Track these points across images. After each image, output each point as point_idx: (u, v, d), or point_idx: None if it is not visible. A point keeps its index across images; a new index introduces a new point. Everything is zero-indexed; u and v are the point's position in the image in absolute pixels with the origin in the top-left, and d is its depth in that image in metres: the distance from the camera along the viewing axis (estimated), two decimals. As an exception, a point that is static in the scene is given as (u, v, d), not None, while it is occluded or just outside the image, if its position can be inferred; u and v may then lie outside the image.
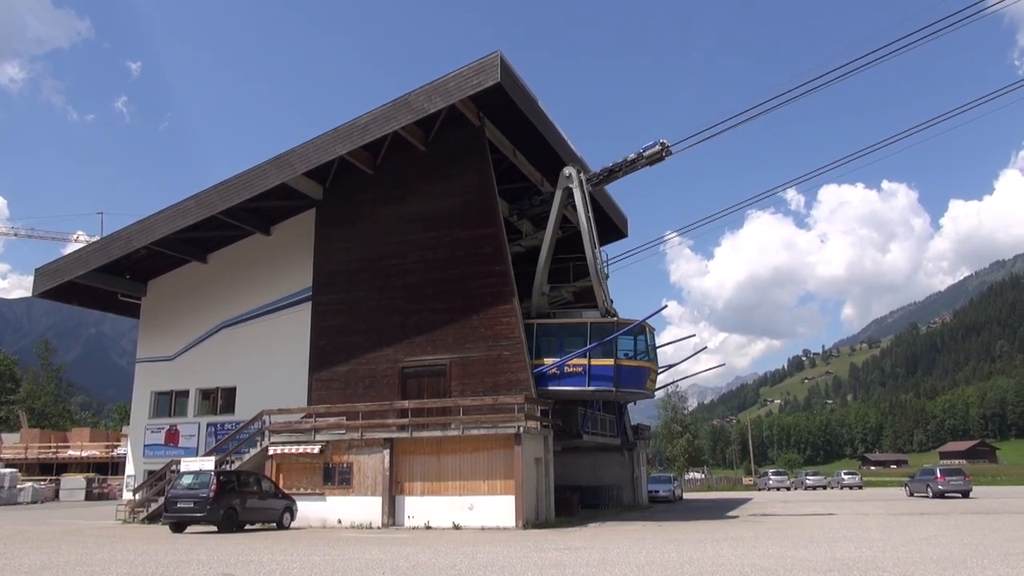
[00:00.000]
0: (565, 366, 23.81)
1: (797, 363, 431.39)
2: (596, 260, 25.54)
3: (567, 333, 24.61)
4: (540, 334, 24.66)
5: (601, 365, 23.53)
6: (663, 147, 25.24)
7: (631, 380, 24.09)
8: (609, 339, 23.72)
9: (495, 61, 23.94)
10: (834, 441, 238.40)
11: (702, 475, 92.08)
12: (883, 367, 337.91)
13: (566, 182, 26.19)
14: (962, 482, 37.92)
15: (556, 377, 23.89)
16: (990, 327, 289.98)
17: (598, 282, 25.33)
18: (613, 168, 26.42)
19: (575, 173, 26.08)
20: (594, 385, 23.66)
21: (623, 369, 23.58)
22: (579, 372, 23.67)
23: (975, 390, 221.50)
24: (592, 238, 25.47)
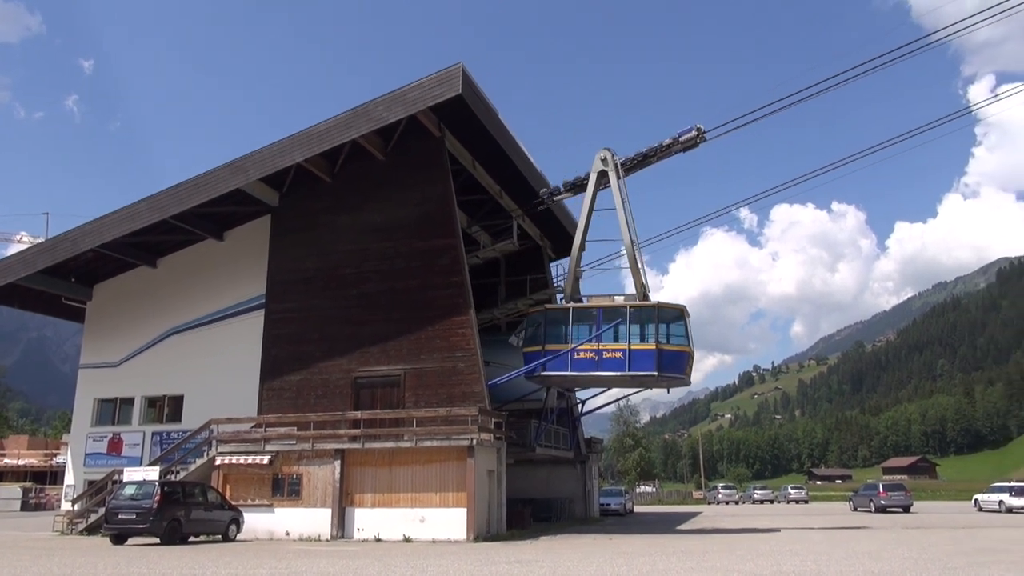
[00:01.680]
0: (604, 351, 23.14)
1: (748, 379, 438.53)
2: (634, 244, 24.57)
3: (607, 318, 23.68)
4: (575, 319, 23.95)
5: (643, 350, 22.81)
6: (699, 132, 24.71)
7: (673, 365, 23.26)
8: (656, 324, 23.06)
9: (457, 73, 23.99)
10: (782, 456, 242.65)
11: (653, 489, 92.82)
12: (830, 384, 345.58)
13: (601, 165, 25.40)
14: (903, 497, 38.98)
15: (594, 363, 23.20)
16: (932, 346, 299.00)
17: (636, 266, 24.39)
18: (648, 153, 25.73)
19: (610, 156, 25.33)
20: (635, 370, 22.90)
21: (665, 354, 22.84)
22: (619, 357, 22.96)
23: (917, 407, 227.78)
24: (629, 221, 24.60)
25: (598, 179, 25.43)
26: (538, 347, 24.31)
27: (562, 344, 23.77)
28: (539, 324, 24.76)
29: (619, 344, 23.10)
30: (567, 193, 27.37)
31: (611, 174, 25.26)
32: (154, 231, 27.88)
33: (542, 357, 24.03)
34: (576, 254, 25.41)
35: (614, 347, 23.13)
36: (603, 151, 25.53)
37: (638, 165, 25.98)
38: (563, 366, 23.67)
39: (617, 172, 25.18)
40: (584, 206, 25.57)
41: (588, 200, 25.48)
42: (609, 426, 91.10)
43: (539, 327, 24.70)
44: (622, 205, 24.90)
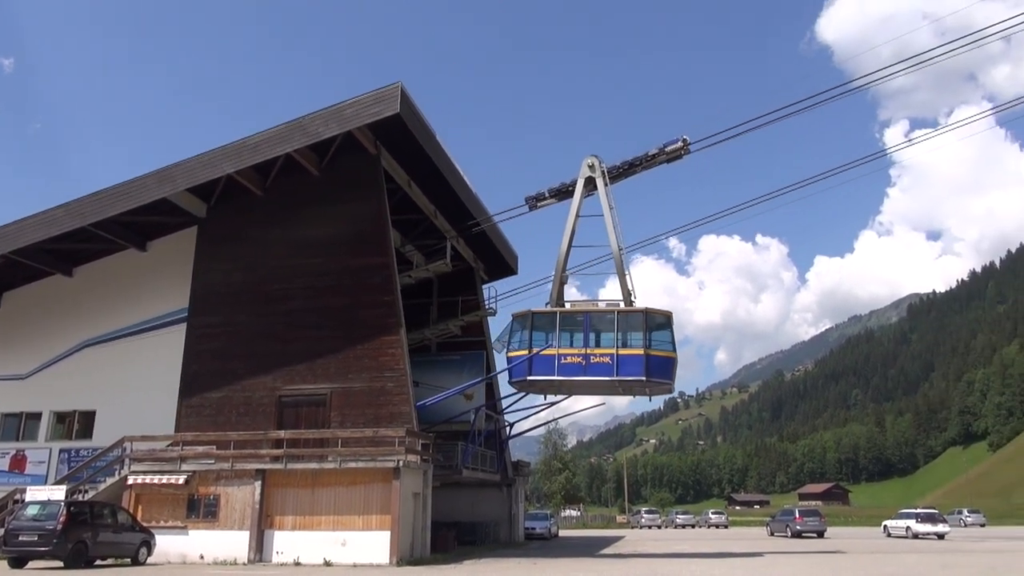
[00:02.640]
0: (592, 356, 23.04)
1: (672, 404, 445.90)
2: (621, 251, 24.68)
3: (594, 322, 23.72)
4: (562, 323, 23.80)
5: (631, 355, 22.82)
6: (684, 143, 25.03)
7: (660, 371, 23.31)
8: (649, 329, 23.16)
9: (395, 92, 23.97)
10: (704, 481, 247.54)
11: (578, 512, 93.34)
12: (751, 411, 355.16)
13: (588, 171, 25.43)
14: (818, 523, 40.27)
15: (581, 367, 23.04)
16: (847, 377, 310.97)
17: (622, 272, 24.46)
18: (633, 162, 25.94)
19: (597, 163, 25.42)
20: (623, 375, 22.89)
21: (652, 359, 22.94)
22: (607, 362, 22.93)
23: (832, 435, 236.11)
24: (616, 228, 24.74)
25: (585, 186, 25.47)
26: (524, 351, 23.88)
27: (550, 349, 23.48)
28: (525, 328, 24.31)
29: (607, 349, 23.06)
30: (551, 199, 27.23)
31: (598, 181, 25.33)
32: (72, 238, 26.76)
33: (527, 361, 23.60)
34: (562, 259, 25.34)
35: (602, 352, 23.06)
36: (590, 158, 25.61)
37: (623, 174, 26.18)
38: (550, 370, 23.37)
39: (604, 179, 25.28)
40: (571, 212, 25.57)
41: (575, 206, 25.51)
42: (537, 449, 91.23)
43: (525, 331, 24.25)
44: (609, 212, 24.97)
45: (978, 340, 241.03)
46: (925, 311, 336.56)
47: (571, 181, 26.03)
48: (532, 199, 27.36)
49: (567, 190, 26.10)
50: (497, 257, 37.40)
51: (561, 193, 26.57)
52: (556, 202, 27.03)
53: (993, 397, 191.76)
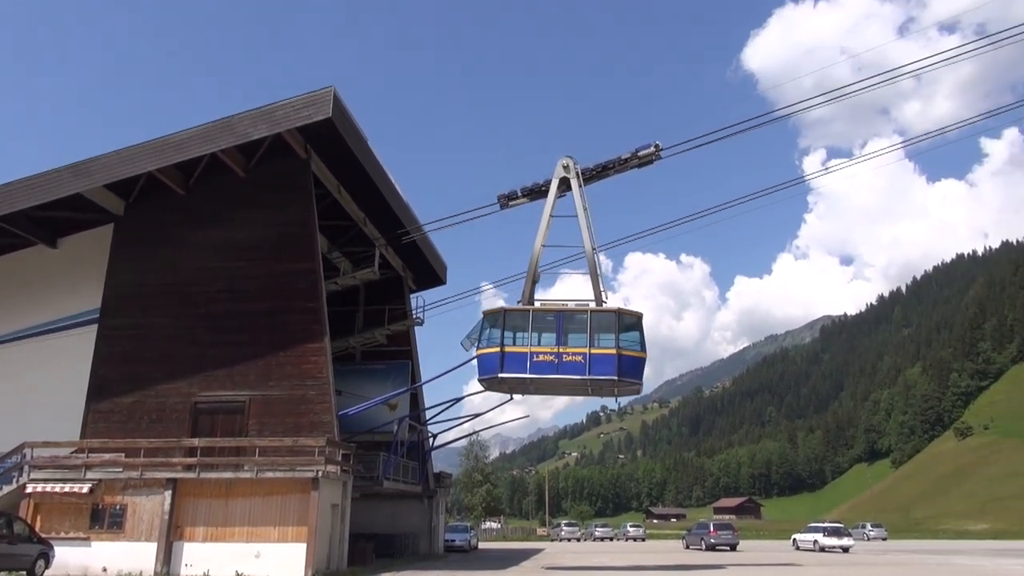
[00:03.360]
0: (564, 354, 22.92)
1: (595, 418, 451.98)
2: (594, 251, 24.75)
3: (567, 321, 23.59)
4: (534, 321, 23.65)
5: (603, 354, 22.88)
6: (657, 148, 25.27)
7: (631, 370, 23.33)
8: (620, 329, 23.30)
9: (328, 96, 23.66)
10: (623, 494, 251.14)
11: (498, 525, 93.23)
12: (670, 426, 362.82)
13: (563, 172, 25.40)
14: (731, 536, 41.40)
15: (554, 365, 22.96)
16: (762, 394, 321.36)
17: (595, 272, 24.53)
18: (607, 165, 25.99)
19: (572, 164, 25.42)
20: (595, 374, 22.86)
21: (624, 359, 23.00)
22: (579, 361, 22.89)
23: (747, 451, 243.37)
24: (590, 229, 24.79)
25: (559, 186, 25.53)
26: (495, 348, 23.49)
27: (521, 347, 23.33)
28: (496, 325, 23.97)
29: (580, 348, 23.06)
30: (523, 199, 26.98)
31: (573, 182, 25.35)
32: (-26, 232, 25.34)
33: (499, 359, 23.28)
34: (536, 258, 25.27)
35: (574, 350, 23.04)
36: (565, 159, 25.66)
37: (596, 176, 26.26)
38: (522, 368, 23.13)
39: (579, 180, 25.34)
40: (545, 211, 25.51)
41: (549, 205, 25.49)
42: (459, 461, 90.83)
43: (496, 328, 23.90)
44: (584, 213, 25.04)
45: (884, 362, 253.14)
46: (837, 332, 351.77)
47: (544, 181, 25.97)
48: (504, 197, 27.13)
49: (540, 190, 26.06)
50: (426, 267, 37.24)
51: (534, 193, 26.52)
52: (528, 202, 26.90)
53: (897, 416, 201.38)
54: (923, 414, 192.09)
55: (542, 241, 25.02)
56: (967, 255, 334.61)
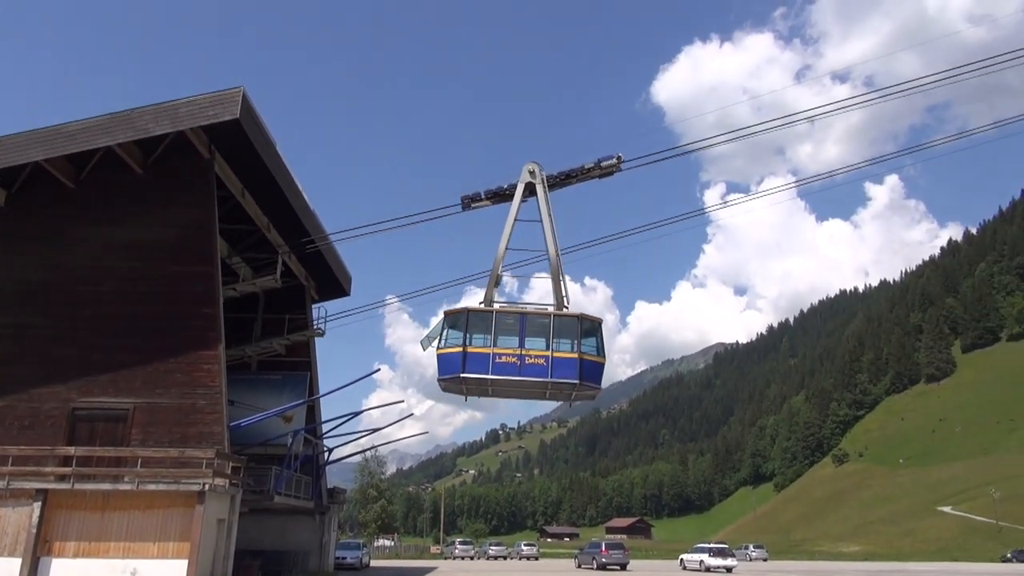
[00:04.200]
0: (527, 357, 22.89)
1: (494, 436, 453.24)
2: (558, 256, 24.86)
3: (530, 324, 23.63)
4: (498, 322, 23.58)
5: (565, 358, 23.05)
6: (619, 160, 25.53)
7: (592, 375, 23.53)
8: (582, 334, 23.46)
9: (237, 96, 22.98)
10: (518, 512, 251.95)
11: (392, 542, 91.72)
12: (568, 445, 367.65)
13: (529, 177, 25.39)
14: (622, 556, 42.25)
15: (516, 367, 22.89)
16: (657, 417, 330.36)
17: (558, 279, 24.65)
18: (570, 173, 26.03)
19: (538, 169, 25.48)
20: (557, 377, 22.88)
21: (586, 363, 23.24)
22: (541, 364, 22.93)
23: (640, 472, 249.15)
24: (554, 234, 24.80)
25: (524, 190, 25.60)
26: (458, 348, 23.39)
27: (484, 347, 23.26)
28: (459, 325, 23.89)
29: (542, 351, 23.15)
30: (486, 201, 26.78)
31: (539, 187, 25.41)
32: None
33: (461, 358, 23.17)
34: (499, 260, 25.20)
35: (537, 353, 23.13)
36: (531, 164, 25.80)
37: (559, 183, 26.38)
38: (484, 368, 23.04)
39: (544, 186, 25.42)
40: (510, 214, 25.44)
41: (514, 209, 25.48)
42: (354, 476, 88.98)
43: (459, 328, 23.83)
44: (548, 218, 25.08)
45: (771, 389, 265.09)
46: (729, 360, 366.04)
47: (508, 185, 26.09)
48: (468, 199, 27.00)
49: (504, 193, 26.18)
50: (330, 277, 36.51)
51: (497, 196, 26.49)
52: (491, 204, 26.84)
53: (781, 442, 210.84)
54: (805, 440, 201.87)
55: (506, 244, 25.19)
56: (849, 291, 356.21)
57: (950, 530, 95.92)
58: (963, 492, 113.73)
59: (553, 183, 26.29)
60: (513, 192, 25.83)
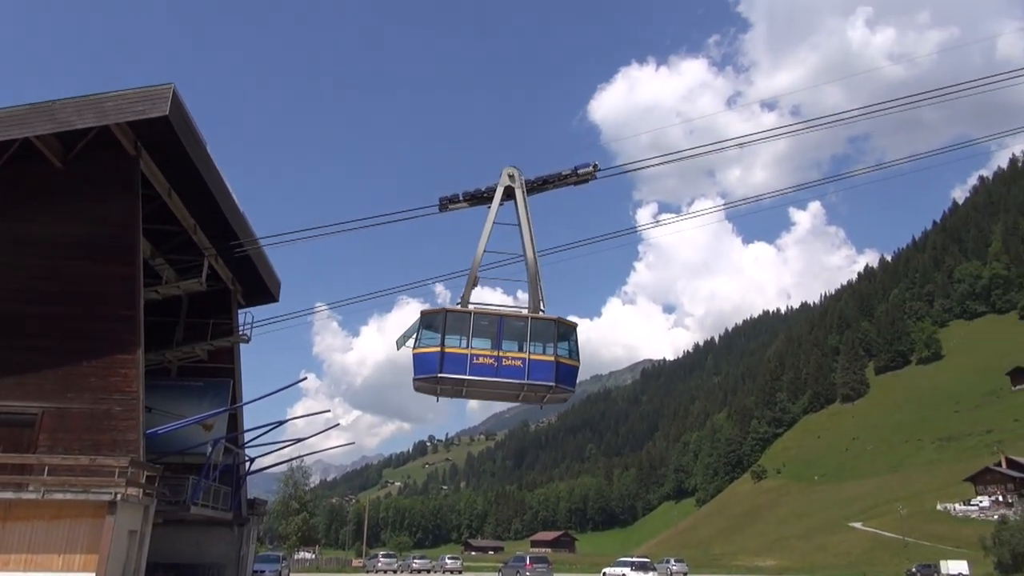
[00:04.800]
0: (504, 358, 22.88)
1: (422, 448, 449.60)
2: (535, 262, 24.95)
3: (508, 326, 23.65)
4: (475, 324, 23.50)
5: (542, 361, 23.15)
6: (595, 168, 25.79)
7: (567, 378, 23.63)
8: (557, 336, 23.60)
9: (167, 93, 22.27)
10: (444, 525, 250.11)
11: (313, 555, 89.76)
12: (495, 458, 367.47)
13: (508, 181, 25.41)
14: (546, 569, 42.43)
15: (493, 368, 22.88)
16: (584, 431, 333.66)
17: (536, 284, 24.75)
18: (547, 179, 26.18)
19: (517, 174, 25.52)
20: (533, 379, 22.98)
21: (561, 366, 23.32)
22: (518, 365, 22.99)
23: (566, 486, 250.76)
24: (531, 238, 24.92)
25: (503, 194, 25.68)
26: (436, 348, 23.18)
27: (462, 348, 23.16)
28: (436, 325, 23.75)
29: (519, 353, 23.24)
30: (464, 203, 26.62)
31: (517, 192, 25.45)
32: None
33: (439, 358, 22.99)
34: (477, 261, 25.15)
35: (514, 355, 23.20)
36: (510, 168, 25.84)
37: (537, 189, 26.49)
38: (461, 369, 22.94)
39: (523, 191, 25.48)
40: (489, 217, 25.48)
41: (494, 211, 25.56)
42: (277, 487, 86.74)
43: (436, 328, 23.67)
44: (527, 222, 25.15)
45: (696, 406, 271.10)
46: (656, 376, 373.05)
47: (486, 188, 25.94)
48: (446, 200, 26.93)
49: (482, 196, 26.00)
50: (258, 282, 35.62)
51: (475, 199, 26.46)
52: (468, 207, 26.74)
53: (703, 458, 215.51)
54: (726, 456, 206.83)
55: (484, 246, 25.33)
56: (772, 312, 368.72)
57: (860, 545, 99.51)
58: (873, 508, 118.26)
59: (530, 188, 26.54)
60: (490, 195, 26.04)
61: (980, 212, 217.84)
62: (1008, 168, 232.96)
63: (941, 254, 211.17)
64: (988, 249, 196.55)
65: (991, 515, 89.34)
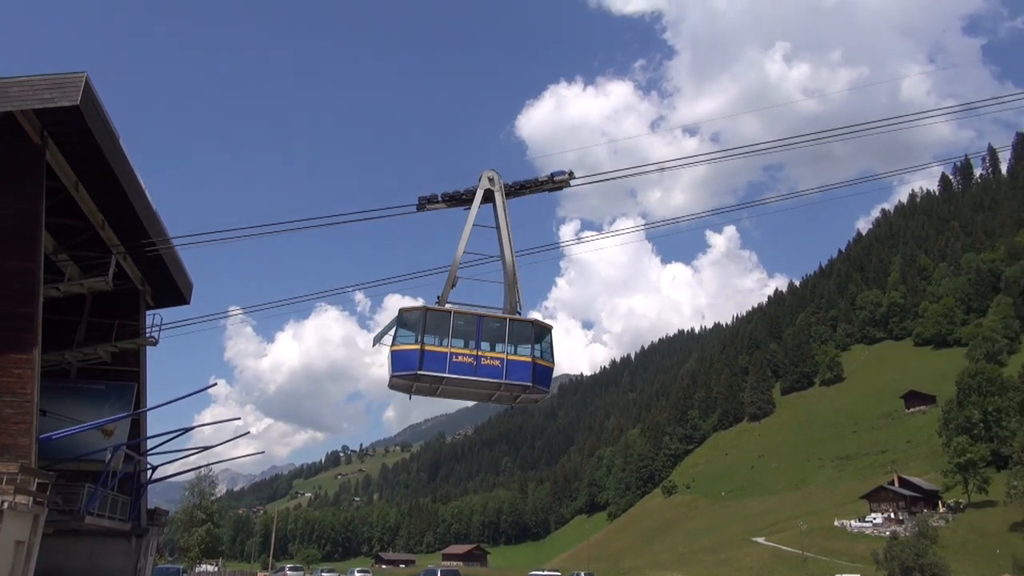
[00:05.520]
0: (483, 358, 23.18)
1: (334, 458, 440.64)
2: (513, 264, 25.25)
3: (487, 326, 23.93)
4: (455, 323, 23.64)
5: (519, 361, 23.53)
6: (570, 175, 26.20)
7: (543, 379, 24.00)
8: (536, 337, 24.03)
9: (79, 81, 21.33)
10: (354, 538, 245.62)
11: (215, 567, 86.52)
12: (410, 470, 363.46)
13: (488, 184, 25.60)
14: (456, 583, 42.19)
15: (472, 367, 23.11)
16: (500, 444, 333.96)
17: (513, 285, 25.08)
18: (525, 184, 26.49)
19: (497, 178, 25.77)
20: (511, 379, 23.34)
21: (538, 367, 23.71)
22: (497, 365, 23.35)
23: (480, 499, 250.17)
24: (510, 242, 25.15)
25: (483, 197, 25.76)
26: (416, 346, 23.20)
27: (442, 347, 23.26)
28: (415, 323, 23.76)
29: (498, 353, 23.63)
30: (442, 204, 26.46)
31: (497, 195, 25.64)
32: None
33: (419, 356, 22.98)
34: (456, 262, 25.30)
35: (492, 355, 23.59)
36: (490, 171, 26.09)
37: (515, 193, 26.75)
38: (441, 367, 23.06)
39: (502, 193, 25.69)
40: (469, 219, 25.56)
41: (473, 213, 25.64)
42: (181, 496, 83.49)
43: (416, 326, 23.69)
44: (505, 225, 25.37)
45: (610, 421, 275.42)
46: (573, 391, 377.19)
47: (465, 190, 25.96)
48: (425, 199, 26.83)
49: (461, 198, 26.03)
50: (169, 283, 34.33)
51: (453, 200, 26.50)
52: (445, 207, 26.73)
53: (616, 473, 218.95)
54: (638, 472, 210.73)
55: (464, 247, 25.57)
56: (687, 331, 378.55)
57: (762, 559, 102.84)
58: (775, 524, 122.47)
59: (508, 192, 26.93)
60: (468, 197, 26.26)
61: (882, 243, 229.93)
62: (908, 202, 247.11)
63: (845, 281, 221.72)
64: (888, 278, 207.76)
65: (884, 531, 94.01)
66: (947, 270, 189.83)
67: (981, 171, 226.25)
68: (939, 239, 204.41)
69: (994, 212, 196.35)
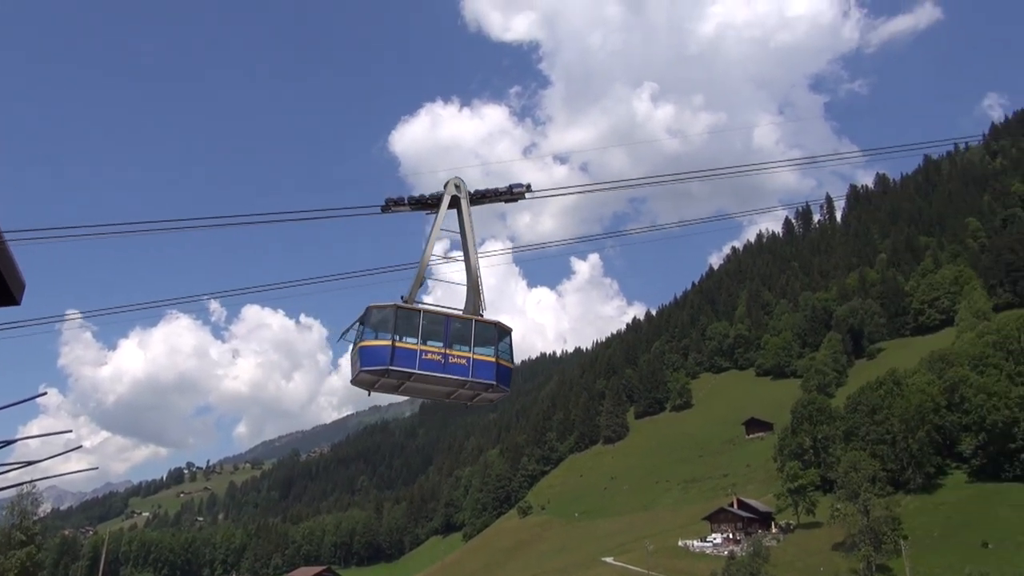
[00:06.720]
0: (450, 356, 24.22)
1: (178, 475, 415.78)
2: (477, 267, 26.39)
3: (454, 326, 24.98)
4: (425, 321, 24.57)
5: (484, 360, 24.67)
6: (527, 188, 27.00)
7: (505, 378, 25.12)
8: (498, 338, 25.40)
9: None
10: (196, 560, 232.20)
11: (34, 595, 79.03)
12: (261, 488, 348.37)
13: (454, 190, 26.18)
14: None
15: (441, 364, 24.11)
16: (358, 462, 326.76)
17: (476, 288, 26.14)
18: (485, 193, 27.00)
19: (463, 185, 26.44)
20: (476, 377, 24.47)
21: (500, 367, 24.85)
22: (463, 363, 24.41)
23: (333, 519, 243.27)
24: (475, 246, 26.22)
25: (449, 203, 26.35)
26: (387, 342, 23.82)
27: (413, 344, 23.95)
28: (386, 320, 24.35)
29: (464, 352, 24.51)
30: (406, 207, 26.73)
31: (462, 201, 26.22)
32: None
33: (390, 352, 23.63)
34: (424, 263, 26.12)
35: (459, 354, 24.47)
36: (456, 178, 26.83)
37: (475, 201, 27.17)
38: (411, 363, 23.80)
39: (467, 200, 26.29)
40: (436, 223, 26.22)
41: (440, 218, 26.28)
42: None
43: (386, 323, 24.27)
44: (470, 230, 26.11)
45: (471, 441, 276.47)
46: (434, 410, 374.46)
47: (430, 195, 26.32)
48: (392, 201, 27.02)
49: (426, 202, 26.43)
50: (-1, 282, 31.47)
51: (419, 204, 26.91)
52: (409, 211, 27.16)
53: (474, 493, 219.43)
54: (496, 492, 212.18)
55: (431, 249, 26.40)
56: (549, 355, 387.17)
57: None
58: (624, 544, 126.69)
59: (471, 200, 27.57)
60: (434, 202, 26.91)
61: (731, 278, 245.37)
62: (755, 242, 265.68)
63: (697, 313, 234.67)
64: (735, 312, 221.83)
65: (723, 551, 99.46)
66: (787, 306, 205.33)
67: (819, 217, 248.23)
68: (781, 277, 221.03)
69: (828, 255, 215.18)
